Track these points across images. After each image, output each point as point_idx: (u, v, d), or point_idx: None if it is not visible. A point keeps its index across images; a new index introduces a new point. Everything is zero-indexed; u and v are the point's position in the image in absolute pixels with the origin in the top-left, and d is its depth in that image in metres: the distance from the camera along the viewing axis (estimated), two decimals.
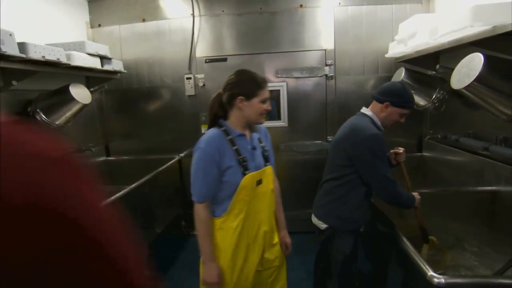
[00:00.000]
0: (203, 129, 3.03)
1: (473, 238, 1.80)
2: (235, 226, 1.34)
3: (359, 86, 2.79)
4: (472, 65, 1.44)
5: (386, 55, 2.54)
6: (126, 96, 3.15)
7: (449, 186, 2.27)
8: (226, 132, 1.34)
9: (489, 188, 1.88)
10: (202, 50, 2.96)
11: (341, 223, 1.61)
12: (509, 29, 1.36)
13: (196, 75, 2.98)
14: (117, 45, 3.04)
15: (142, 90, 3.12)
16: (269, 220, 1.47)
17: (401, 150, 1.75)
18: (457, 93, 2.19)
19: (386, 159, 1.51)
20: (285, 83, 2.82)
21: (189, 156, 3.04)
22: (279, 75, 2.81)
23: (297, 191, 2.90)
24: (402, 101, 1.54)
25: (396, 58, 2.56)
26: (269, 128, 2.86)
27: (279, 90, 2.83)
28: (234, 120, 1.36)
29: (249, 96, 1.30)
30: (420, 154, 2.77)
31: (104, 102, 3.16)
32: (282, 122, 2.90)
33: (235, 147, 1.32)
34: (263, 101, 1.33)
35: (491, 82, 1.41)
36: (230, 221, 1.35)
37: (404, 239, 1.29)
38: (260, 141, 1.45)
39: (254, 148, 1.39)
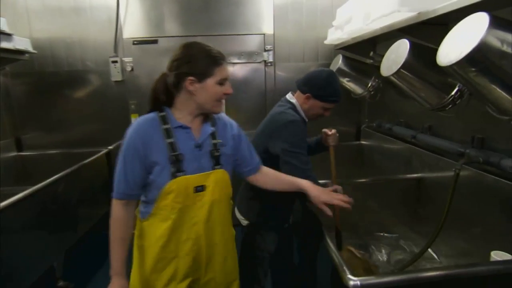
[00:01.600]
0: (133, 118, 2.72)
1: (400, 223, 1.82)
2: (159, 234, 1.09)
3: (299, 74, 2.64)
4: (399, 52, 1.39)
5: (325, 42, 2.47)
6: (40, 81, 2.69)
7: (384, 173, 2.30)
8: (163, 120, 1.08)
9: (416, 175, 1.91)
10: (130, 31, 2.61)
11: (262, 219, 1.50)
12: (431, 16, 1.32)
13: (123, 59, 2.63)
14: (23, 19, 2.55)
15: (61, 74, 2.69)
16: (213, 240, 1.17)
17: (332, 131, 1.58)
18: (390, 82, 2.22)
19: (303, 147, 1.38)
20: None
21: (119, 148, 2.76)
22: None
23: (238, 184, 2.76)
24: (324, 94, 1.42)
25: (335, 45, 2.51)
26: None
27: None
28: (180, 107, 1.10)
29: (202, 76, 1.04)
30: (358, 142, 2.79)
31: (10, 88, 2.66)
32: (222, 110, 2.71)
33: (169, 140, 1.06)
34: (221, 82, 1.08)
35: (416, 69, 1.37)
36: (154, 226, 1.10)
37: (328, 240, 1.21)
38: (213, 136, 1.15)
39: (198, 146, 1.11)
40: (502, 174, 1.34)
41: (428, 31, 1.59)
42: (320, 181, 1.41)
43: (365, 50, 2.37)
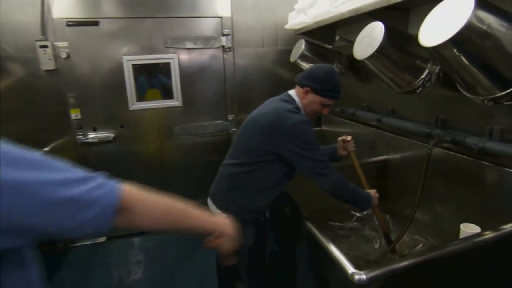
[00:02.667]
0: (73, 114, 2.35)
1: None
2: None
3: (259, 60, 2.59)
4: (373, 35, 1.36)
5: (286, 26, 2.39)
6: None
7: (347, 157, 2.34)
8: None
9: (382, 157, 1.97)
10: (61, 10, 2.21)
11: (240, 212, 1.39)
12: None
13: (55, 43, 2.22)
14: None
15: None
16: None
17: (349, 137, 1.56)
18: (352, 67, 2.25)
19: (318, 146, 1.34)
20: (176, 55, 2.38)
21: (60, 149, 2.38)
22: (169, 45, 2.35)
23: (197, 177, 2.62)
24: (324, 88, 1.36)
25: (296, 30, 2.44)
26: (161, 108, 2.48)
27: (169, 63, 2.38)
28: None
29: None
30: (319, 128, 2.81)
31: None
32: (176, 101, 2.49)
33: None
34: None
35: (390, 52, 1.37)
36: None
37: (316, 231, 1.15)
38: None
39: None
40: (464, 151, 1.43)
41: (393, 15, 1.62)
42: None
43: (325, 35, 2.35)
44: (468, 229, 1.26)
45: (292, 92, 1.44)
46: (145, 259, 2.35)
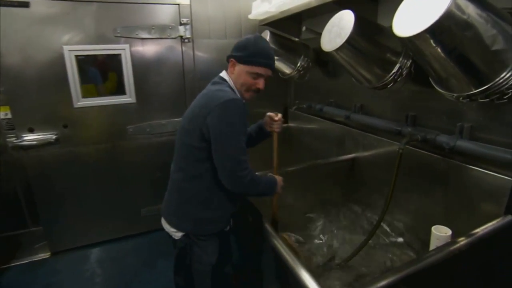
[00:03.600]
0: (2, 112, 2.00)
1: (337, 205, 1.79)
2: None
3: (222, 52, 2.38)
4: (342, 24, 1.24)
5: (250, 16, 2.22)
6: None
7: (315, 155, 2.25)
8: None
9: (350, 156, 1.90)
10: None
11: (199, 226, 1.24)
12: None
13: None
14: None
15: None
16: None
17: (278, 116, 1.42)
18: (319, 61, 2.14)
19: (242, 132, 1.16)
20: (127, 46, 2.11)
21: None
22: (119, 34, 2.08)
23: (155, 180, 2.38)
24: (248, 54, 1.20)
25: (260, 21, 2.28)
26: (111, 105, 2.16)
27: (119, 55, 2.11)
28: None
29: None
30: (286, 125, 2.70)
31: None
32: (128, 97, 2.21)
33: None
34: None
35: (360, 44, 1.25)
36: None
37: (283, 250, 1.03)
38: None
39: None
40: (434, 149, 1.37)
41: (361, 5, 1.52)
42: (257, 172, 1.23)
43: (291, 27, 2.23)
44: (439, 231, 1.21)
45: (223, 73, 1.31)
46: (99, 273, 2.09)
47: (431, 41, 0.88)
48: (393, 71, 1.31)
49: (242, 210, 1.33)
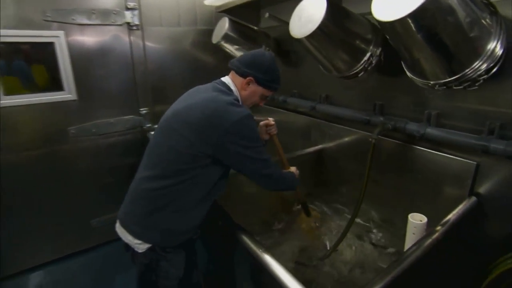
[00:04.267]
0: None
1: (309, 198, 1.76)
2: None
3: (175, 41, 2.19)
4: (313, 10, 1.17)
5: (206, 2, 2.05)
6: None
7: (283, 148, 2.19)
8: None
9: (317, 147, 1.87)
10: None
11: (168, 237, 1.12)
12: None
13: None
14: None
15: None
16: None
17: (272, 121, 1.41)
18: (281, 51, 2.06)
19: (260, 140, 1.15)
20: (62, 33, 1.78)
21: None
22: (50, 19, 1.75)
23: (106, 186, 2.12)
24: (269, 79, 1.17)
25: (217, 7, 2.12)
26: (46, 103, 1.80)
27: (52, 44, 1.77)
28: None
29: None
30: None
31: None
32: (67, 94, 1.88)
33: None
34: None
35: (332, 31, 1.19)
36: None
37: (258, 251, 0.96)
38: None
39: None
40: (402, 138, 1.39)
41: None
42: None
43: (249, 14, 2.11)
44: (415, 219, 1.22)
45: (227, 80, 1.19)
46: None
47: (413, 25, 0.84)
48: (363, 59, 1.27)
49: (211, 214, 1.20)
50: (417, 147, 1.34)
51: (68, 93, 1.88)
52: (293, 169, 1.36)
